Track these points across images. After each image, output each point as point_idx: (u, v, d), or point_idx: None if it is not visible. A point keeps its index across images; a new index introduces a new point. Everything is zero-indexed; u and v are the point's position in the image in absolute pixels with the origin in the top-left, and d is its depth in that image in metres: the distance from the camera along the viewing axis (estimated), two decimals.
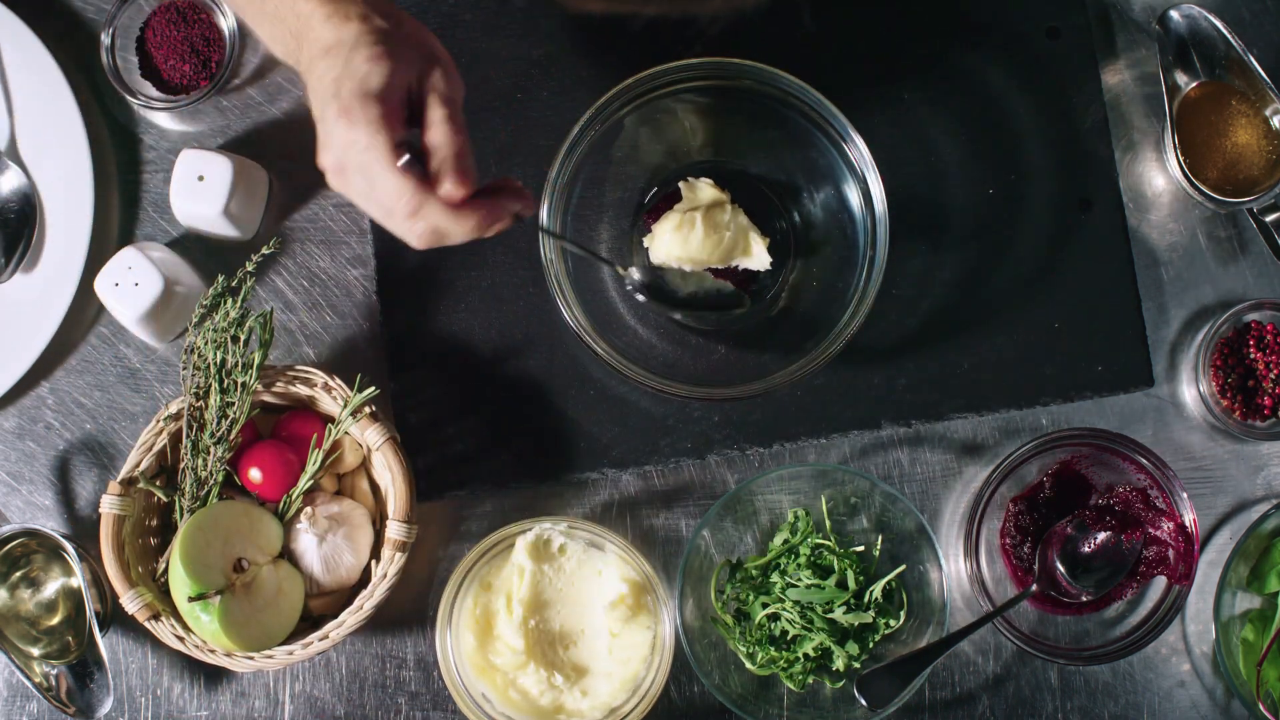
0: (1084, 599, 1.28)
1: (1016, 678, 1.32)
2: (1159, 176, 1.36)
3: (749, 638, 1.29)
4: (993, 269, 1.33)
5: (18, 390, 1.34)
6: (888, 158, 1.27)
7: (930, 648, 1.24)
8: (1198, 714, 1.32)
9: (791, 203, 1.33)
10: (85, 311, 1.34)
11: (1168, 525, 1.28)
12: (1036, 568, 1.28)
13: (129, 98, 1.33)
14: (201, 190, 1.27)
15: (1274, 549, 1.30)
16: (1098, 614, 1.31)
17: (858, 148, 1.23)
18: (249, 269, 1.25)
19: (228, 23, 1.34)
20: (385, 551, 1.24)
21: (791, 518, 1.30)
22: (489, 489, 1.32)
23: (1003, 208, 1.34)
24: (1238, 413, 1.32)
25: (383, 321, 1.33)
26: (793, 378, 1.21)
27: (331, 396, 1.26)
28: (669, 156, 1.33)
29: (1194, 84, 1.33)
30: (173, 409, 1.25)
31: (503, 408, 1.32)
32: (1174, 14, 1.31)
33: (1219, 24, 1.30)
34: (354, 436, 1.28)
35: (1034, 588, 1.27)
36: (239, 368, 1.23)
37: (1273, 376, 1.32)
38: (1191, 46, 1.32)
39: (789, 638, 1.28)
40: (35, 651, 1.29)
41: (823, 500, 1.31)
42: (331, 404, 1.26)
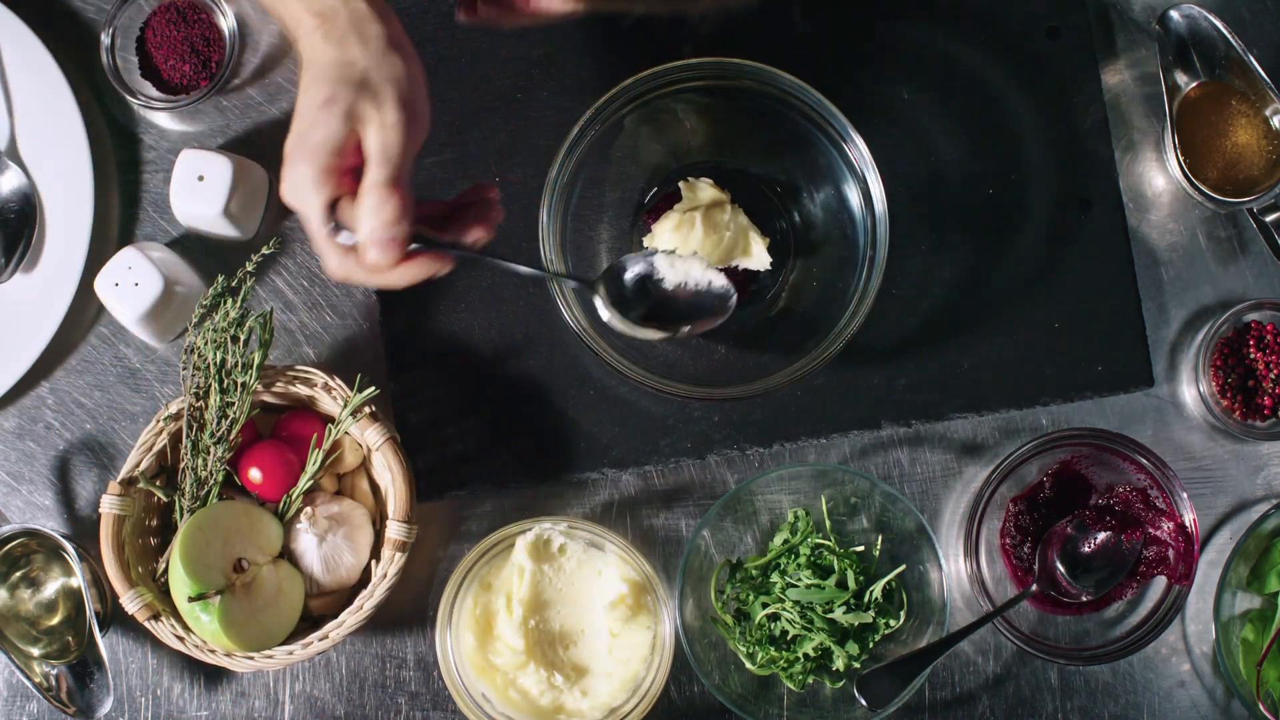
0: (1084, 599, 1.28)
1: (1016, 678, 1.32)
2: (1159, 176, 1.36)
3: (749, 638, 1.29)
4: (993, 269, 1.33)
5: (18, 390, 1.34)
6: (888, 158, 1.27)
7: (930, 648, 1.24)
8: (1198, 714, 1.32)
9: (791, 203, 1.33)
10: (85, 311, 1.34)
11: (1168, 525, 1.28)
12: (1036, 568, 1.28)
13: (129, 98, 1.33)
14: (201, 190, 1.27)
15: (1274, 549, 1.30)
16: (1098, 614, 1.31)
17: (858, 148, 1.23)
18: (249, 269, 1.25)
19: (228, 23, 1.34)
20: (385, 551, 1.24)
21: (791, 518, 1.30)
22: (489, 489, 1.32)
23: (1003, 208, 1.34)
24: (1238, 413, 1.32)
25: (383, 321, 1.33)
26: (793, 378, 1.21)
27: (331, 396, 1.26)
28: (669, 156, 1.33)
29: (1194, 84, 1.33)
30: (173, 409, 1.25)
31: (503, 408, 1.32)
32: (1174, 14, 1.31)
33: (1219, 24, 1.30)
34: (354, 436, 1.28)
35: (1034, 588, 1.27)
36: (239, 368, 1.23)
37: (1273, 376, 1.32)
38: (1191, 46, 1.32)
39: (789, 638, 1.28)
40: (35, 651, 1.29)
41: (823, 500, 1.31)
42: (331, 404, 1.26)
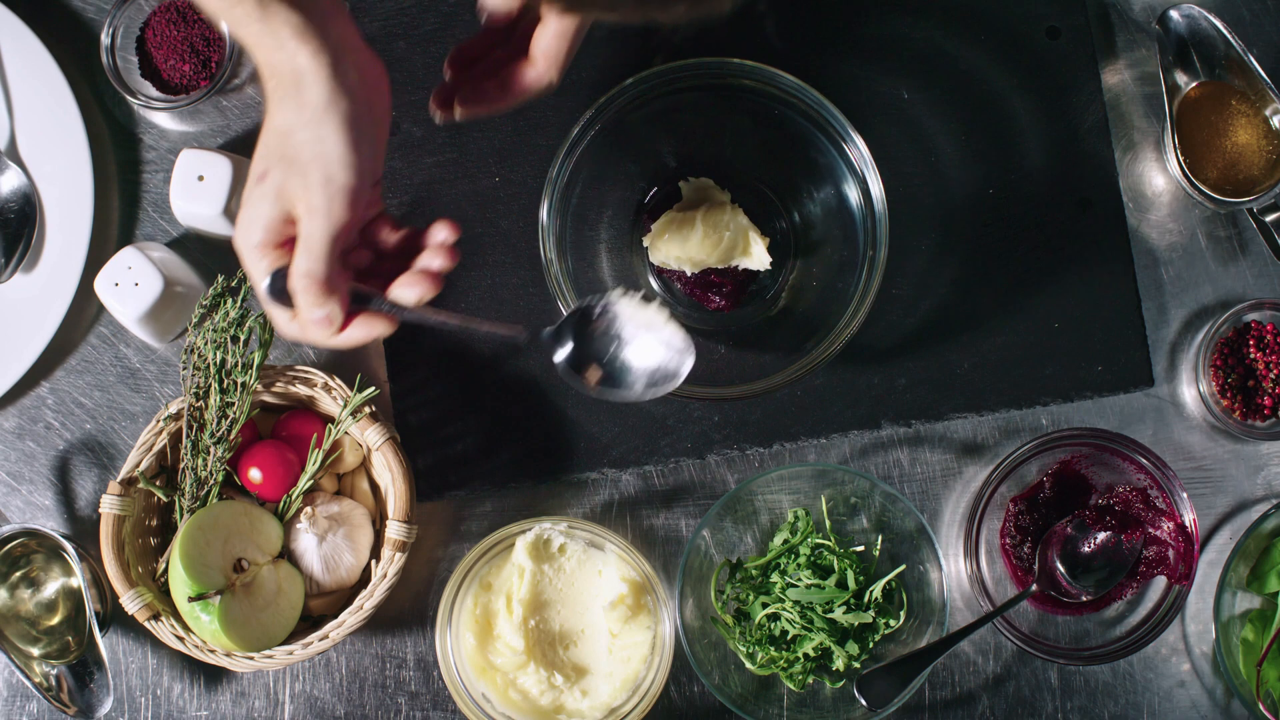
0: (1084, 599, 1.28)
1: (1016, 678, 1.32)
2: (1159, 176, 1.36)
3: (749, 638, 1.29)
4: (993, 269, 1.33)
5: (18, 390, 1.34)
6: (888, 158, 1.27)
7: (930, 648, 1.24)
8: (1198, 714, 1.32)
9: (791, 203, 1.33)
10: (85, 311, 1.34)
11: (1168, 525, 1.28)
12: (1036, 568, 1.28)
13: (129, 98, 1.33)
14: (201, 190, 1.27)
15: (1274, 549, 1.30)
16: (1098, 614, 1.31)
17: (858, 148, 1.23)
18: None
19: None
20: (385, 551, 1.24)
21: (791, 518, 1.30)
22: (489, 489, 1.32)
23: (1003, 208, 1.34)
24: (1238, 413, 1.32)
25: None
26: (793, 378, 1.21)
27: (331, 396, 1.26)
28: (669, 156, 1.33)
29: (1194, 84, 1.33)
30: (173, 409, 1.25)
31: (503, 408, 1.32)
32: (1174, 14, 1.31)
33: (1219, 24, 1.30)
34: (354, 436, 1.28)
35: (1034, 588, 1.27)
36: (239, 368, 1.23)
37: (1273, 376, 1.32)
38: (1191, 46, 1.32)
39: (789, 638, 1.28)
40: (35, 651, 1.29)
41: (823, 500, 1.31)
42: (331, 404, 1.26)
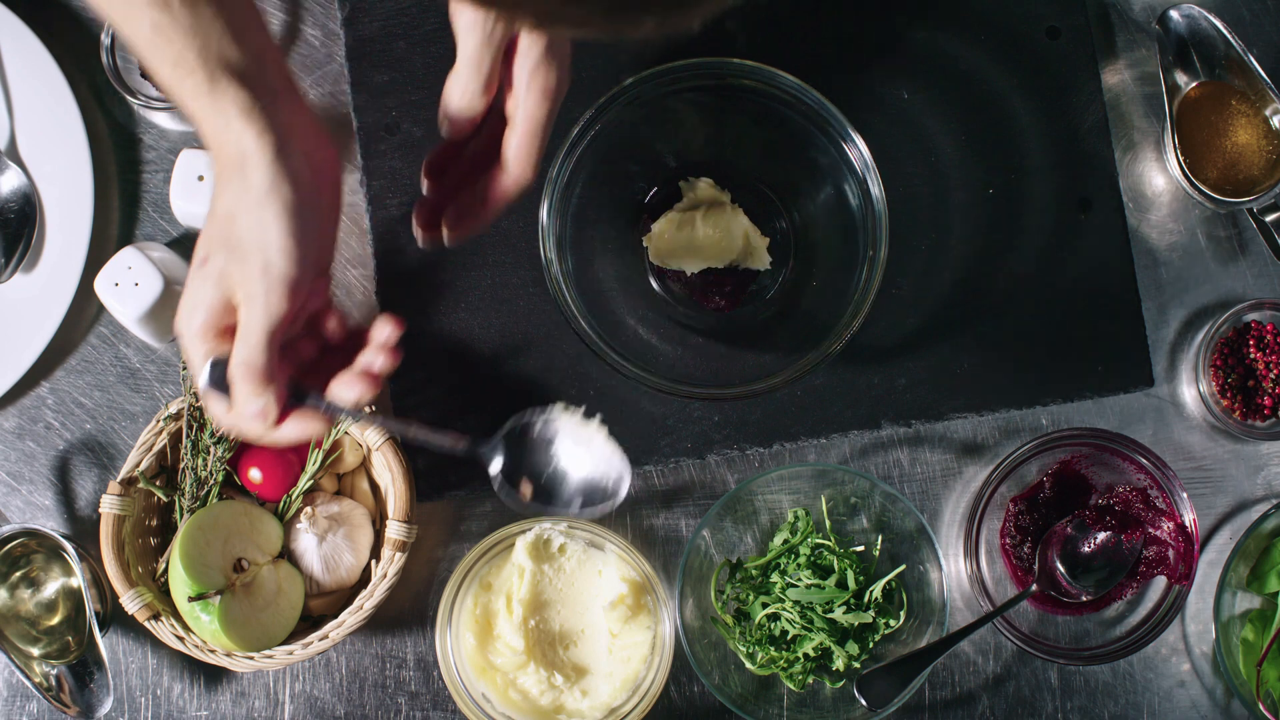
0: (1084, 599, 1.28)
1: (1016, 678, 1.32)
2: (1159, 176, 1.36)
3: (749, 638, 1.29)
4: (993, 269, 1.34)
5: (18, 390, 1.34)
6: (888, 158, 1.27)
7: (930, 648, 1.24)
8: (1198, 714, 1.32)
9: (791, 203, 1.33)
10: (85, 311, 1.34)
11: (1168, 525, 1.28)
12: (1036, 568, 1.28)
13: (129, 98, 1.33)
14: (201, 190, 1.27)
15: (1274, 549, 1.30)
16: (1098, 614, 1.31)
17: (858, 148, 1.23)
18: None
19: None
20: (385, 551, 1.24)
21: (791, 518, 1.30)
22: (489, 489, 1.32)
23: (1003, 208, 1.34)
24: (1238, 413, 1.32)
25: None
26: (793, 378, 1.21)
27: None
28: (669, 156, 1.33)
29: (1194, 84, 1.33)
30: (173, 409, 1.25)
31: (503, 408, 1.32)
32: (1174, 14, 1.31)
33: (1219, 24, 1.30)
34: (354, 436, 1.28)
35: (1034, 588, 1.27)
36: None
37: (1273, 376, 1.32)
38: (1191, 46, 1.32)
39: (789, 638, 1.28)
40: (35, 651, 1.29)
41: (823, 500, 1.31)
42: None
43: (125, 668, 1.32)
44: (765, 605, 1.28)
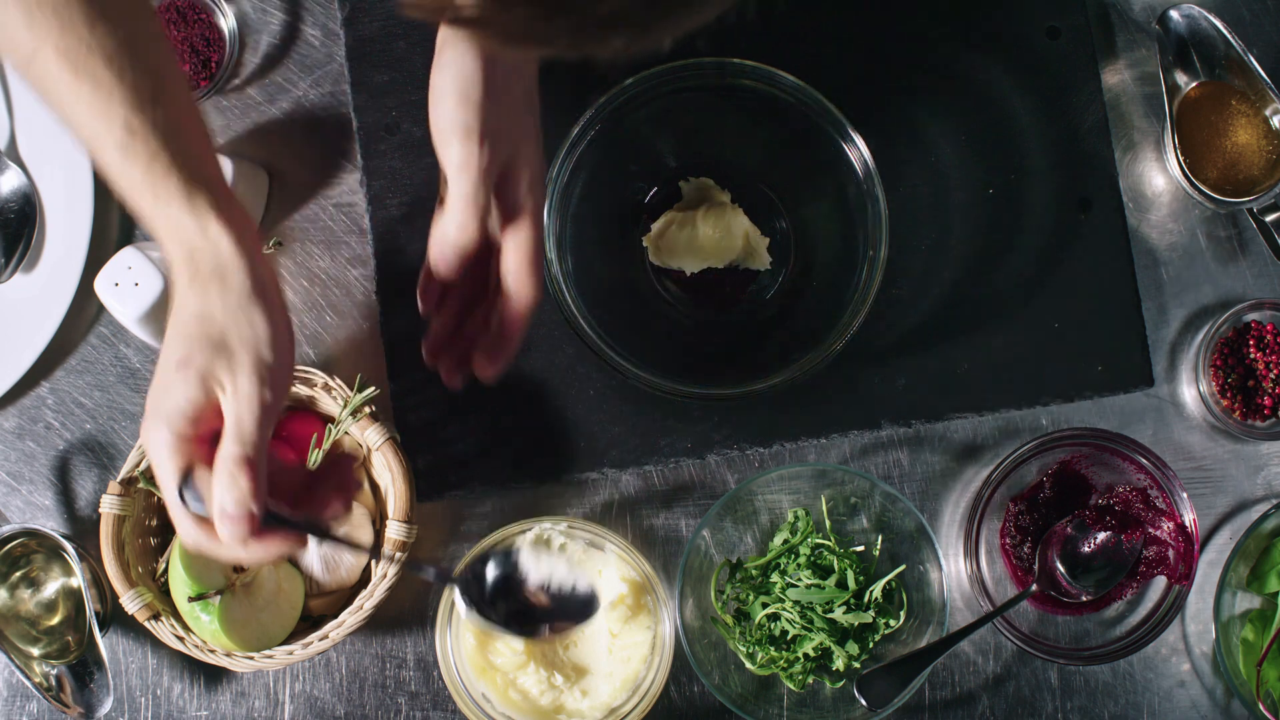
0: (1084, 599, 1.28)
1: (1016, 678, 1.32)
2: (1159, 176, 1.36)
3: (749, 638, 1.29)
4: (993, 269, 1.33)
5: (18, 390, 1.34)
6: (888, 157, 1.27)
7: (930, 648, 1.24)
8: (1198, 714, 1.32)
9: (791, 203, 1.33)
10: (85, 311, 1.34)
11: (1168, 525, 1.28)
12: (1036, 568, 1.28)
13: None
14: None
15: (1274, 549, 1.30)
16: (1098, 614, 1.31)
17: (858, 147, 1.23)
18: None
19: (228, 23, 1.34)
20: (385, 551, 1.23)
21: (791, 518, 1.30)
22: (489, 489, 1.32)
23: (1003, 208, 1.34)
24: (1238, 413, 1.32)
25: (383, 321, 1.33)
26: (793, 378, 1.21)
27: (331, 396, 1.26)
28: (669, 156, 1.33)
29: (1194, 84, 1.33)
30: None
31: (503, 408, 1.32)
32: (1174, 14, 1.31)
33: (1219, 24, 1.30)
34: (354, 436, 1.28)
35: (1034, 588, 1.27)
36: None
37: (1273, 376, 1.32)
38: (1191, 46, 1.32)
39: (789, 638, 1.28)
40: (35, 651, 1.29)
41: (823, 500, 1.31)
42: (331, 404, 1.26)
43: (125, 668, 1.32)
44: (765, 605, 1.28)
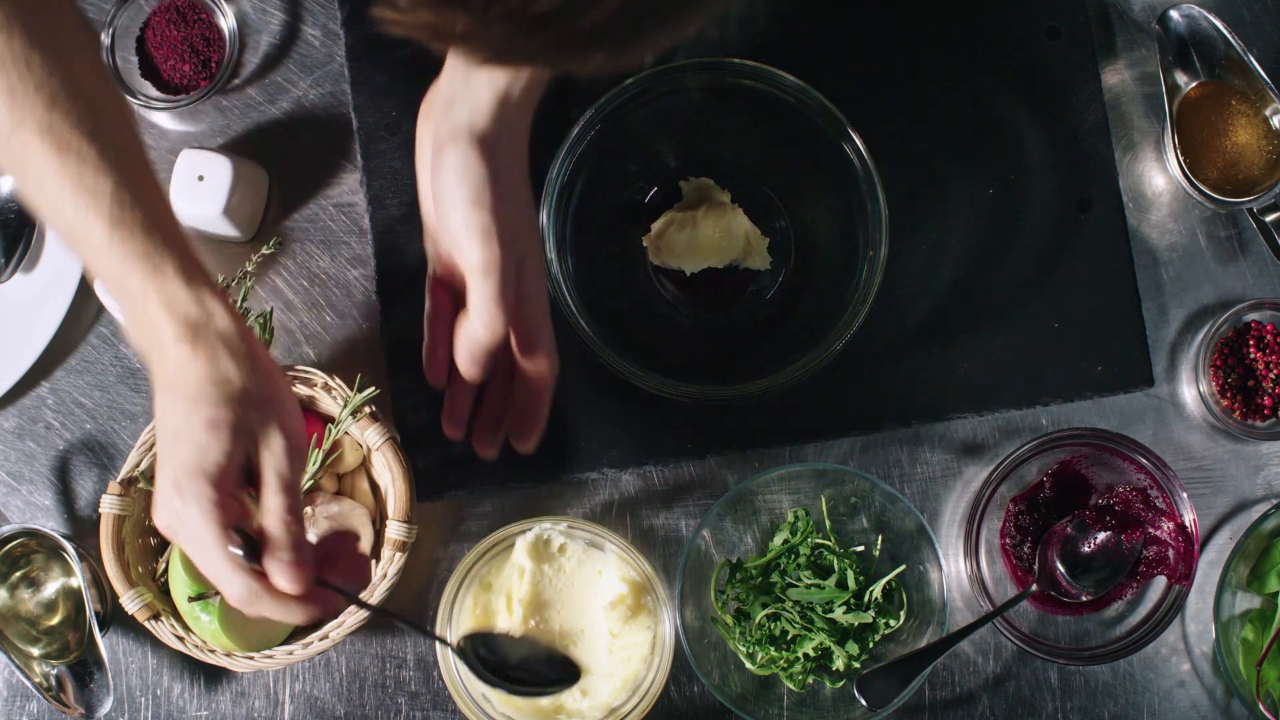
0: (1084, 599, 1.28)
1: (1016, 678, 1.32)
2: (1159, 176, 1.36)
3: (749, 638, 1.29)
4: (993, 269, 1.33)
5: (18, 390, 1.34)
6: (888, 157, 1.27)
7: (930, 648, 1.24)
8: (1198, 714, 1.32)
9: (791, 203, 1.33)
10: (85, 311, 1.34)
11: (1168, 525, 1.28)
12: (1036, 568, 1.28)
13: (129, 98, 1.33)
14: (201, 190, 1.27)
15: (1274, 549, 1.30)
16: (1098, 614, 1.31)
17: (858, 147, 1.23)
18: (249, 269, 1.25)
19: (228, 23, 1.34)
20: (385, 551, 1.24)
21: (791, 518, 1.30)
22: (489, 489, 1.32)
23: (1003, 208, 1.34)
24: (1238, 413, 1.32)
25: (383, 321, 1.33)
26: (793, 378, 1.21)
27: (331, 396, 1.26)
28: (669, 156, 1.33)
29: (1194, 84, 1.33)
30: None
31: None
32: (1174, 14, 1.31)
33: (1219, 24, 1.30)
34: (354, 436, 1.28)
35: (1034, 588, 1.27)
36: None
37: (1273, 376, 1.32)
38: (1191, 46, 1.32)
39: (789, 638, 1.28)
40: (35, 651, 1.29)
41: (823, 500, 1.31)
42: (331, 404, 1.26)
43: (125, 668, 1.32)
44: (765, 605, 1.28)
